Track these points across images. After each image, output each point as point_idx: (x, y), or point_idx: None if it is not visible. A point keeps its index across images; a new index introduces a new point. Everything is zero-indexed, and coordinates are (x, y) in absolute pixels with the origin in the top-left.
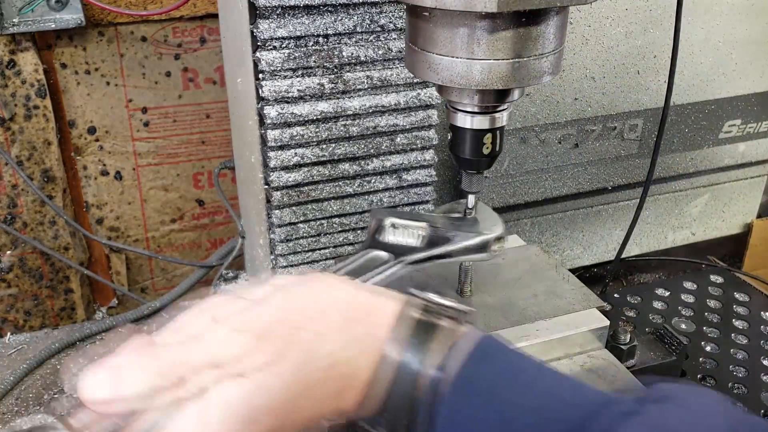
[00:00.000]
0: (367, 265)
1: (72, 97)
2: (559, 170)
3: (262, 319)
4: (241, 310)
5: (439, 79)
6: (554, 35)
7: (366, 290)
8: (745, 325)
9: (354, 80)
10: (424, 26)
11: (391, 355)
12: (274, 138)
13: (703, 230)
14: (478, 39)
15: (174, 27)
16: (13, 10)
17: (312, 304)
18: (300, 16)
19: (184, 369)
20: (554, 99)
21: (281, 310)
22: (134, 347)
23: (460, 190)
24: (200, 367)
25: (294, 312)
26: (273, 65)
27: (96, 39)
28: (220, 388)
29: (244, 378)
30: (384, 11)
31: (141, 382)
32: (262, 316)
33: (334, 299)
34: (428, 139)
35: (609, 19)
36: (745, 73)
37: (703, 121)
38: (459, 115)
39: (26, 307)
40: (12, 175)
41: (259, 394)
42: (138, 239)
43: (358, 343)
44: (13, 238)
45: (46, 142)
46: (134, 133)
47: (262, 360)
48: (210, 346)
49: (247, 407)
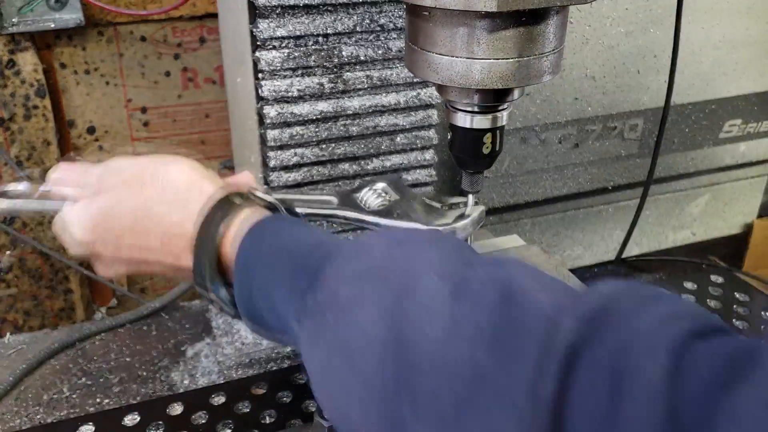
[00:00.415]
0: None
1: (71, 97)
2: (559, 170)
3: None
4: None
5: (439, 79)
6: (554, 35)
7: (198, 174)
8: (745, 325)
9: (354, 80)
10: (423, 26)
11: (198, 222)
12: (273, 138)
13: (703, 230)
14: (478, 38)
15: (173, 27)
16: (12, 10)
17: (153, 179)
18: (300, 16)
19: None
20: (554, 99)
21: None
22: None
23: (460, 189)
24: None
25: (137, 179)
26: (272, 65)
27: (95, 39)
28: (91, 199)
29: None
30: (384, 11)
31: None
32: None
33: (172, 178)
34: (428, 139)
35: (609, 19)
36: (745, 73)
37: (704, 120)
38: (459, 114)
39: (26, 307)
40: (11, 175)
41: (103, 212)
42: None
43: (183, 210)
44: (13, 238)
45: (45, 142)
46: (134, 133)
47: (112, 196)
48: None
49: (97, 216)
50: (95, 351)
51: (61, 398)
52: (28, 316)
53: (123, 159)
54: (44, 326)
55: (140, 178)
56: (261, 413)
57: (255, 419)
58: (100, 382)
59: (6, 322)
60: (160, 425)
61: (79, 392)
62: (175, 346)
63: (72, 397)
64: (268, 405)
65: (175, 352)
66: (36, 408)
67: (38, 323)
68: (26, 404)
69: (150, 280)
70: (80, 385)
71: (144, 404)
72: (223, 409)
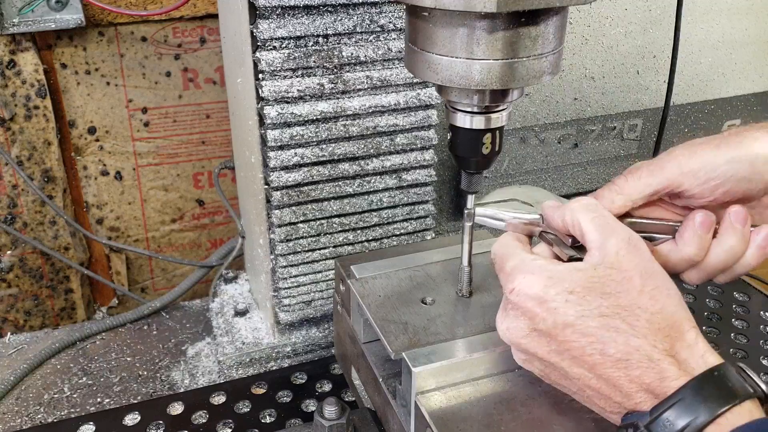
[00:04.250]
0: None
1: (72, 97)
2: (558, 170)
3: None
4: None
5: (439, 79)
6: (554, 35)
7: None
8: (744, 325)
9: (354, 80)
10: (423, 26)
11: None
12: (274, 138)
13: None
14: (478, 39)
15: (174, 27)
16: (13, 11)
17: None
18: (300, 16)
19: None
20: (554, 99)
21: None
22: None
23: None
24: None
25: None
26: (273, 65)
27: (96, 39)
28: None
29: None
30: (384, 11)
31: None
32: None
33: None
34: (428, 139)
35: (609, 19)
36: (744, 73)
37: (703, 121)
38: (458, 115)
39: (26, 307)
40: (12, 175)
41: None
42: (138, 239)
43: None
44: (14, 238)
45: (46, 142)
46: (134, 133)
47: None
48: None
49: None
50: (96, 350)
51: (62, 398)
52: (29, 315)
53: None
54: (45, 326)
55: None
56: (261, 413)
57: (255, 419)
58: (100, 381)
59: (7, 322)
60: (160, 425)
61: (79, 392)
62: (175, 345)
63: (72, 397)
64: (267, 405)
65: (176, 352)
66: (37, 407)
67: (39, 323)
68: (27, 404)
69: (150, 280)
70: (81, 385)
71: (144, 404)
72: (223, 409)
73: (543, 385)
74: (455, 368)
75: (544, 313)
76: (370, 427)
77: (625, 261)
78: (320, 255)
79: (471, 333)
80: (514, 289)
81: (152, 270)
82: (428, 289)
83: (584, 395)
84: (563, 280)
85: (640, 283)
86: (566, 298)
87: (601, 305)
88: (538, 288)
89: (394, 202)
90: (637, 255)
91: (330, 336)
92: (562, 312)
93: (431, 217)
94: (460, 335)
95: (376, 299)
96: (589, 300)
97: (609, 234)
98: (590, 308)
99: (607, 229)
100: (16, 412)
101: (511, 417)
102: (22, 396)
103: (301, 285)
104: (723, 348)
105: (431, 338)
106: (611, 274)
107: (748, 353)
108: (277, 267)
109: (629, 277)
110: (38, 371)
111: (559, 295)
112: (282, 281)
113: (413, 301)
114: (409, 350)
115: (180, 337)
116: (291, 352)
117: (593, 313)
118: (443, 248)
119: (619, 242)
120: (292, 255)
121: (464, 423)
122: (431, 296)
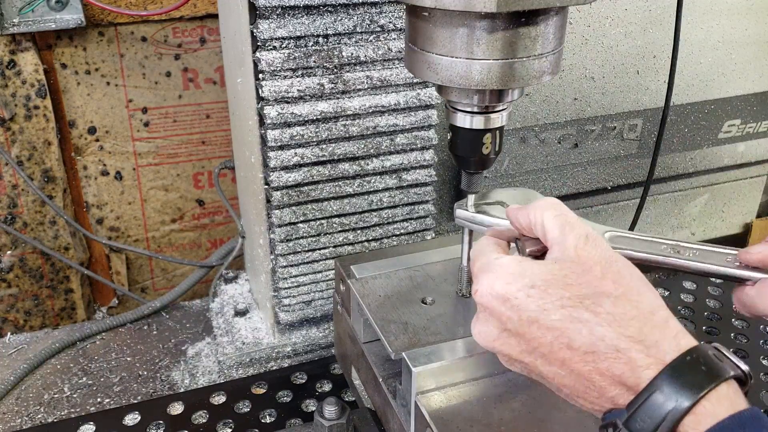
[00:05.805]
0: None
1: (72, 97)
2: (558, 170)
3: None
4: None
5: (439, 79)
6: (553, 35)
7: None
8: (744, 325)
9: (354, 80)
10: (423, 26)
11: (664, 372)
12: (274, 138)
13: (702, 230)
14: (478, 39)
15: (174, 27)
16: (13, 11)
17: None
18: (300, 16)
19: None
20: (554, 99)
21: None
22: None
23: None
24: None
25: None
26: (273, 65)
27: (96, 39)
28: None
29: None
30: (384, 11)
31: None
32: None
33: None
34: (428, 139)
35: (609, 19)
36: (744, 73)
37: (703, 121)
38: (459, 115)
39: (26, 307)
40: (12, 175)
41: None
42: (138, 239)
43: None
44: (14, 238)
45: (46, 142)
46: (134, 133)
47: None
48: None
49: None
50: (96, 350)
51: (62, 398)
52: (29, 315)
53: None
54: (45, 326)
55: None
56: (261, 413)
57: (255, 419)
58: (100, 381)
59: (7, 322)
60: (160, 425)
61: (79, 392)
62: (175, 345)
63: (73, 397)
64: (267, 405)
65: (176, 352)
66: (37, 407)
67: (39, 323)
68: (27, 404)
69: (150, 280)
70: (81, 385)
71: (144, 404)
72: (223, 409)
73: (543, 384)
74: (455, 368)
75: (509, 311)
76: (370, 427)
77: (584, 253)
78: (320, 255)
79: (471, 333)
80: (479, 290)
81: (152, 270)
82: (428, 289)
83: (563, 394)
84: (524, 276)
85: (600, 271)
86: (527, 293)
87: (563, 296)
88: (499, 286)
89: (394, 202)
90: (596, 247)
91: (330, 336)
92: (525, 307)
93: (431, 217)
94: (460, 335)
95: (376, 299)
96: (551, 293)
97: (568, 231)
98: (551, 300)
99: (567, 227)
100: (16, 412)
101: (511, 417)
102: (22, 396)
103: (301, 285)
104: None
105: (431, 338)
106: (572, 266)
107: (748, 353)
108: (277, 267)
109: (589, 268)
110: (38, 371)
111: (521, 290)
112: (282, 281)
113: (413, 301)
114: (409, 350)
115: (180, 337)
116: (291, 352)
117: (555, 305)
118: (443, 248)
119: (578, 238)
120: (292, 255)
121: (464, 423)
122: (431, 296)
